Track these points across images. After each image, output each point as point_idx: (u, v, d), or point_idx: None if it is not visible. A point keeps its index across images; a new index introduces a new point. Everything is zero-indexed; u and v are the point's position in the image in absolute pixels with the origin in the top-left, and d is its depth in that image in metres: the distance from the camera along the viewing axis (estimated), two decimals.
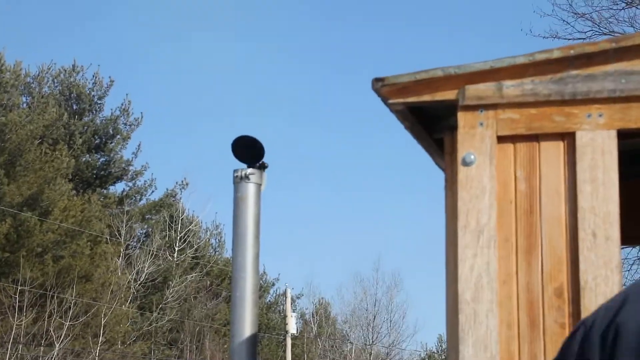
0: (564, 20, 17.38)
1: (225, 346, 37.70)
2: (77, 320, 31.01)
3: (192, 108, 66.17)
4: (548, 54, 3.54)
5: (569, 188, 3.46)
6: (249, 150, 4.88)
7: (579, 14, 16.99)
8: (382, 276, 65.13)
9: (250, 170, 4.76)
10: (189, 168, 72.94)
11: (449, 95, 3.65)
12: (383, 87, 3.69)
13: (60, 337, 30.34)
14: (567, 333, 3.35)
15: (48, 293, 30.30)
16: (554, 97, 3.52)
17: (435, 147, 4.14)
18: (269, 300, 49.56)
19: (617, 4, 16.74)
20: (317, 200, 70.13)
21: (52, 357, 30.05)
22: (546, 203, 3.47)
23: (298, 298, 50.66)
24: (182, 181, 43.15)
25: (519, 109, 3.55)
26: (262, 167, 4.84)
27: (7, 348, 29.03)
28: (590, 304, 3.32)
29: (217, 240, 45.79)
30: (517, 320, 3.41)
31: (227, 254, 45.61)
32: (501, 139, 3.56)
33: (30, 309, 29.79)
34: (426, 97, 3.67)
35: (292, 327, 41.40)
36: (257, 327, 4.66)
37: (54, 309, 30.42)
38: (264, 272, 49.33)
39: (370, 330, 50.52)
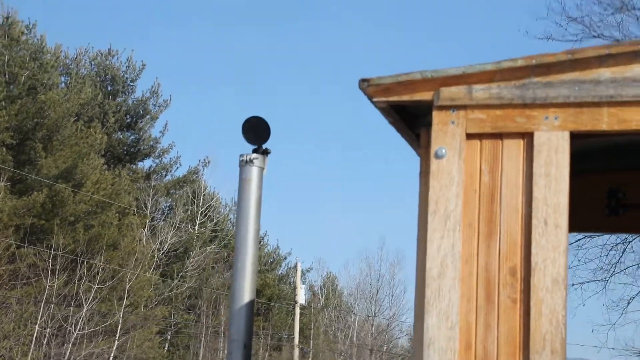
0: (557, 24, 17.38)
1: None
2: (104, 284, 31.29)
3: (217, 92, 66.31)
4: (513, 62, 3.69)
5: (526, 181, 3.60)
6: (256, 131, 5.05)
7: (571, 17, 17.04)
8: (386, 254, 65.43)
9: (254, 155, 4.95)
10: (212, 147, 73.07)
11: (426, 95, 3.78)
12: (369, 87, 3.84)
13: (89, 299, 30.64)
14: (518, 307, 3.53)
15: (79, 258, 30.59)
16: (517, 100, 3.65)
17: (416, 141, 4.29)
18: (281, 273, 49.79)
19: (607, 10, 16.79)
20: (328, 183, 70.34)
21: (80, 317, 30.36)
22: (506, 194, 3.62)
23: (308, 271, 50.93)
24: (205, 159, 43.35)
25: (486, 110, 3.69)
26: (265, 152, 5.03)
27: (40, 307, 29.36)
28: (539, 283, 3.50)
29: (235, 215, 45.93)
30: (475, 295, 3.57)
31: None
32: (469, 136, 3.69)
33: (62, 272, 30.08)
34: (406, 97, 3.81)
35: (301, 297, 41.64)
36: (255, 294, 4.87)
37: (83, 273, 30.72)
38: (277, 247, 49.57)
39: (373, 303, 50.74)
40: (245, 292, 4.82)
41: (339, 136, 70.65)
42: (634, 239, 16.55)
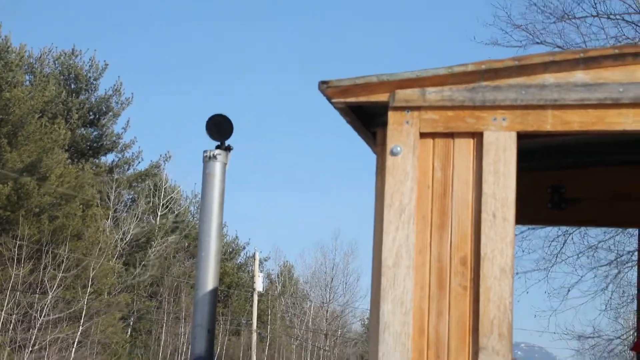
0: (503, 30, 17.50)
1: None
2: (68, 273, 31.07)
3: (179, 90, 65.98)
4: (464, 67, 3.76)
5: (476, 177, 3.67)
6: (220, 128, 5.07)
7: (516, 25, 17.20)
8: (341, 244, 65.70)
9: (217, 151, 4.98)
10: (172, 142, 72.70)
11: (382, 97, 3.84)
12: (328, 89, 3.89)
13: (53, 286, 30.40)
14: (468, 294, 3.61)
15: (44, 248, 30.32)
16: (467, 102, 3.72)
17: (372, 139, 4.35)
18: (240, 262, 49.75)
19: (549, 19, 16.97)
20: (285, 175, 70.41)
21: (45, 304, 30.11)
22: (457, 189, 3.69)
23: (265, 260, 50.94)
24: (166, 154, 43.22)
25: (438, 111, 3.75)
26: (228, 148, 5.06)
27: (6, 295, 29.07)
28: (488, 271, 3.58)
29: (195, 207, 45.85)
30: (428, 283, 3.63)
31: None
32: (423, 135, 3.75)
33: (28, 261, 29.81)
34: (363, 98, 3.86)
35: (259, 285, 41.64)
36: (218, 282, 4.91)
37: (48, 262, 30.47)
38: (236, 237, 49.54)
39: (328, 290, 50.90)
40: (209, 281, 4.86)
41: (299, 129, 70.67)
42: (574, 231, 16.83)
